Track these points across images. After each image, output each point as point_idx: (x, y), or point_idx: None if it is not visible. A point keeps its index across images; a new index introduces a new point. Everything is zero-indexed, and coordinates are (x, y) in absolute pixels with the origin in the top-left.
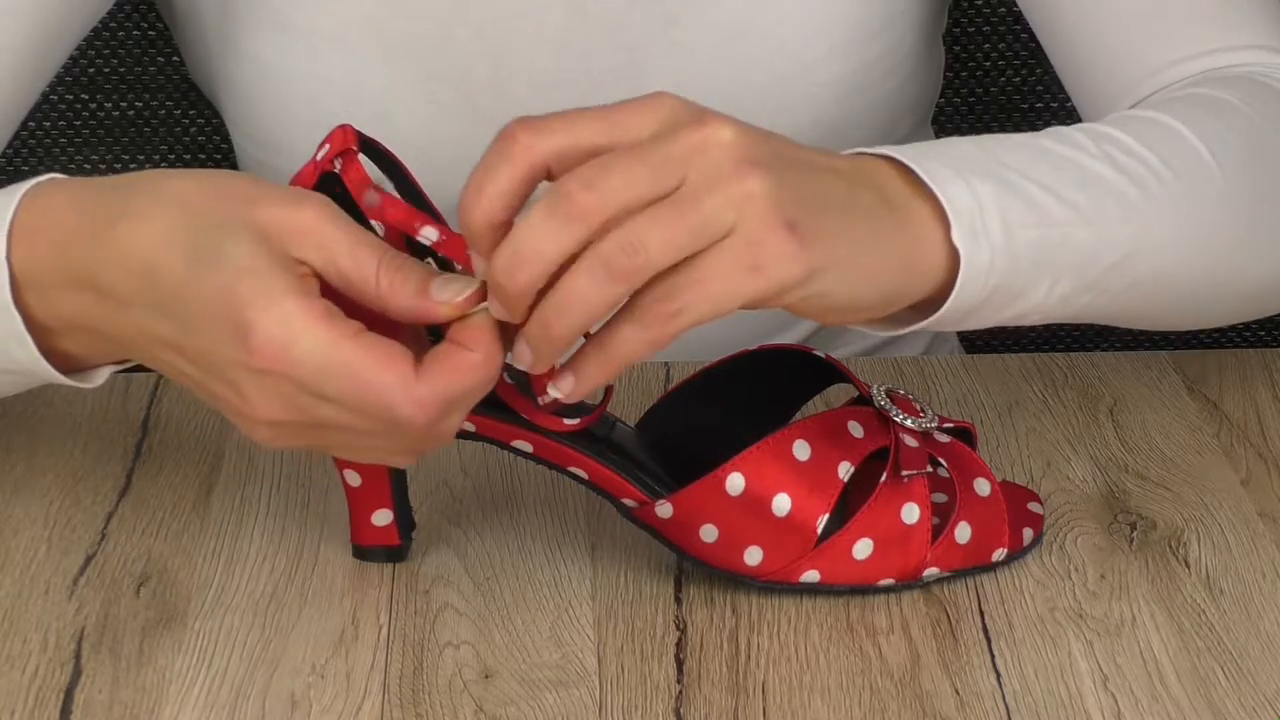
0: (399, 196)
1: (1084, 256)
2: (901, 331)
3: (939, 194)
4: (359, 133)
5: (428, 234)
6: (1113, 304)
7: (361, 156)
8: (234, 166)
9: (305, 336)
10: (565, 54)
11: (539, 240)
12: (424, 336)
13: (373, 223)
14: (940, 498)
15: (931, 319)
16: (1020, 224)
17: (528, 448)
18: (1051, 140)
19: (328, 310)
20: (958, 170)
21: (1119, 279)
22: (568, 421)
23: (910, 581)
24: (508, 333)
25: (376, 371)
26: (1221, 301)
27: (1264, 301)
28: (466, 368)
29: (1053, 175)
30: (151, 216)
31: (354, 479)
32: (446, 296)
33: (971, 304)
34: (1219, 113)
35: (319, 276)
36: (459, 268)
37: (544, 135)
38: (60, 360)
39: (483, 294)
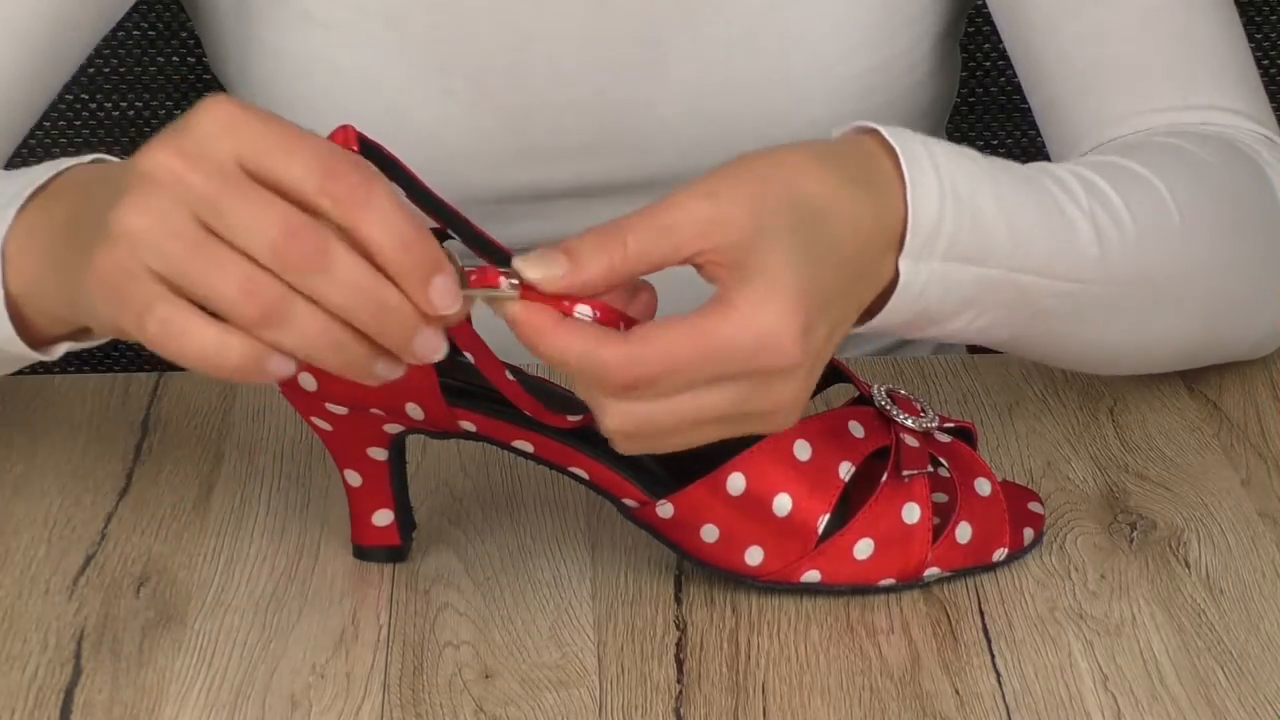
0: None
1: (1013, 298)
2: None
3: (909, 202)
4: (360, 134)
5: (583, 311)
6: (1031, 345)
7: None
8: None
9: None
10: (585, 47)
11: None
12: None
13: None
14: (941, 497)
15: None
16: (963, 258)
17: (528, 448)
18: (1050, 180)
19: None
20: (940, 183)
21: (1038, 325)
22: (570, 418)
23: (911, 581)
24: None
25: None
26: (1130, 362)
27: (1173, 366)
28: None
29: (1033, 213)
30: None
31: (354, 479)
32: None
33: (895, 322)
34: (1209, 190)
35: None
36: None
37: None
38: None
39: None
